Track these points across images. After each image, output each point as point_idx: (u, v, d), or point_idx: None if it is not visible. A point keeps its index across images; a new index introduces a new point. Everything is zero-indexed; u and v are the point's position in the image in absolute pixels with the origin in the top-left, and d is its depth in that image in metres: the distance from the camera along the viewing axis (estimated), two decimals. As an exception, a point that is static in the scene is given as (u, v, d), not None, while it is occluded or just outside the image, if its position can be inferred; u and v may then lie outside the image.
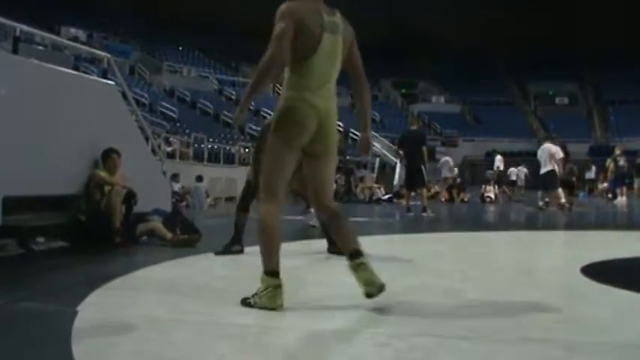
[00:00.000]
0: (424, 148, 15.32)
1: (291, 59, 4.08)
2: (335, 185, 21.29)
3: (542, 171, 17.16)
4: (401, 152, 16.54)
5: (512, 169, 29.93)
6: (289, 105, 4.11)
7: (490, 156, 44.29)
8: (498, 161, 27.30)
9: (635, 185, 28.41)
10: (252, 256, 6.96)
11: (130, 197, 7.81)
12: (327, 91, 4.18)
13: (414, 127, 16.82)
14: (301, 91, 4.09)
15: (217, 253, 6.89)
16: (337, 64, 4.24)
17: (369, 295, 4.05)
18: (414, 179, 15.50)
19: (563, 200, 17.03)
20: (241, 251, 6.96)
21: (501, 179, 27.25)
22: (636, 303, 4.38)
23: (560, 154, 17.21)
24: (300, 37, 4.04)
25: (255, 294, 4.02)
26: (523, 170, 29.49)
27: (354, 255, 4.19)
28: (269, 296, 3.97)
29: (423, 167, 15.27)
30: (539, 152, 17.41)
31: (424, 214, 14.72)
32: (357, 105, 4.52)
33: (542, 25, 52.38)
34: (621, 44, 50.46)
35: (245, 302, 4.05)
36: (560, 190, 17.07)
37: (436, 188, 25.33)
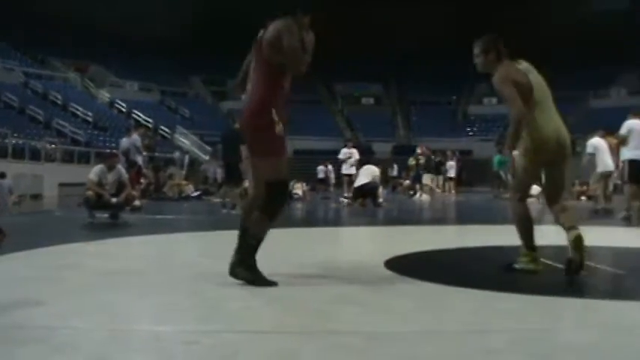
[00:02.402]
0: (242, 146, 15.48)
1: None
2: (144, 181, 21.07)
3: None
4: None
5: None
6: None
7: (298, 154, 45.11)
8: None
9: (432, 181, 29.77)
10: (49, 257, 6.78)
11: None
12: None
13: (237, 126, 16.95)
14: None
15: None
16: None
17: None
18: (231, 175, 15.64)
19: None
20: None
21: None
22: (434, 293, 4.62)
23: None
24: None
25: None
26: (330, 169, 30.19)
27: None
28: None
29: (240, 164, 15.40)
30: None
31: (233, 212, 14.84)
32: None
33: (348, 27, 53.72)
34: (424, 47, 52.66)
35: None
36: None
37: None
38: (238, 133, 16.21)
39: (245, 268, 4.76)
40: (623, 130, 12.92)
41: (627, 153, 12.89)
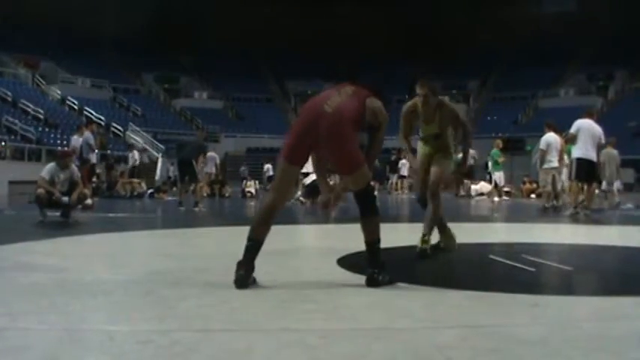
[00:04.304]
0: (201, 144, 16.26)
1: None
2: (96, 180, 20.93)
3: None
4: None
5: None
6: None
7: (250, 152, 45.03)
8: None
9: (392, 180, 30.10)
10: None
11: None
12: None
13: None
14: None
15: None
16: None
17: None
18: (185, 173, 15.82)
19: None
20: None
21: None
22: (385, 290, 4.65)
23: None
24: None
25: None
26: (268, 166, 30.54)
27: None
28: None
29: (194, 162, 15.51)
30: None
31: (196, 209, 14.95)
32: None
33: (303, 25, 53.75)
34: (377, 47, 52.89)
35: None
36: None
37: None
38: (197, 136, 16.78)
39: (383, 275, 4.80)
40: (573, 129, 13.15)
41: (576, 152, 13.11)
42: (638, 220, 13.05)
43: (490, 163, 23.92)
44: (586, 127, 13.12)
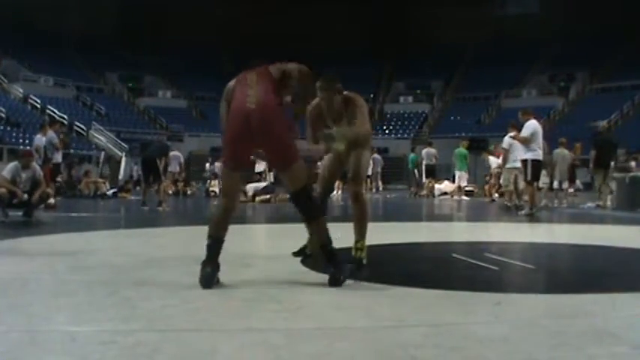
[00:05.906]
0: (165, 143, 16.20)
1: None
2: (60, 179, 20.72)
3: None
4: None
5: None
6: None
7: (215, 151, 44.82)
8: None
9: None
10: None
11: None
12: None
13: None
14: None
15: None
16: None
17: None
18: (150, 173, 15.77)
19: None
20: None
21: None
22: (350, 289, 4.67)
23: None
24: None
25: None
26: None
27: None
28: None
29: (158, 161, 15.43)
30: None
31: (160, 208, 14.89)
32: None
33: (264, 24, 53.70)
34: (341, 46, 52.95)
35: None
36: None
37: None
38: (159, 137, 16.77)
39: (342, 274, 4.82)
40: (526, 132, 13.29)
41: (528, 154, 13.29)
42: (596, 219, 13.23)
43: (458, 163, 24.02)
44: (538, 129, 13.33)
